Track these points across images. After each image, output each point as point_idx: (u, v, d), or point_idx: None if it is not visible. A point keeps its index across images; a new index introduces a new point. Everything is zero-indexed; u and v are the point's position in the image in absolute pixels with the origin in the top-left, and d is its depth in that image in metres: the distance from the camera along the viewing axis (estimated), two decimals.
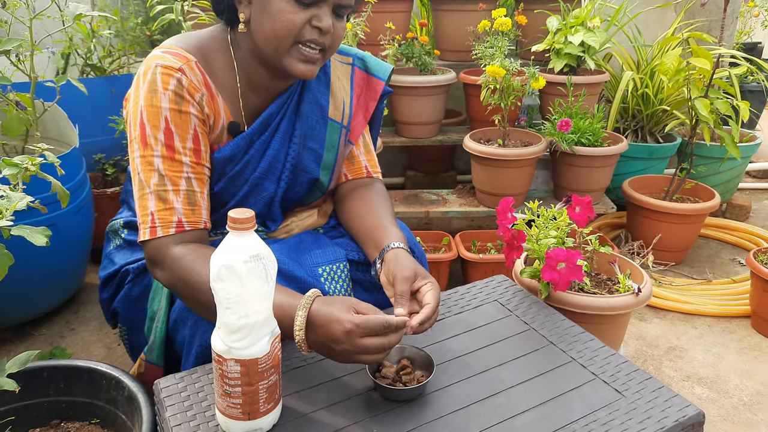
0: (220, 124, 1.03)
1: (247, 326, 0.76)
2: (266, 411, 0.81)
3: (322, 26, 0.94)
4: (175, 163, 0.96)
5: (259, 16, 0.95)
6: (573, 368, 0.97)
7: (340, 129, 1.15)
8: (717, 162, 2.45)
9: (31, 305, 1.76)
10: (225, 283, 0.74)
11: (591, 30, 2.17)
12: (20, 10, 1.97)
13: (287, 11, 0.93)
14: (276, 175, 1.09)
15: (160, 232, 0.95)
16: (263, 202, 1.09)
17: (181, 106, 0.96)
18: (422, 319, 0.89)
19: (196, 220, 0.98)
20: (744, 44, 4.91)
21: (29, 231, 0.89)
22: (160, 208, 0.95)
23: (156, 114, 0.95)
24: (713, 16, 2.74)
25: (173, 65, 0.96)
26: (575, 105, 2.16)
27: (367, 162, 1.21)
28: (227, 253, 0.74)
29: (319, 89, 1.12)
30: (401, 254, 0.99)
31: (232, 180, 1.05)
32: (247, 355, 0.76)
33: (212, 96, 1.01)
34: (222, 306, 0.76)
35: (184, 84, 0.96)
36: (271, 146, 1.07)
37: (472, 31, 2.18)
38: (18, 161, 0.97)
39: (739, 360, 1.72)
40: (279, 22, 0.93)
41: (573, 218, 1.24)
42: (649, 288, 1.31)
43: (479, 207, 2.16)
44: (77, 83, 1.77)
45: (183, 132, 0.96)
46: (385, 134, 2.43)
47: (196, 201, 0.98)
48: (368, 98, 1.19)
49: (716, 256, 2.35)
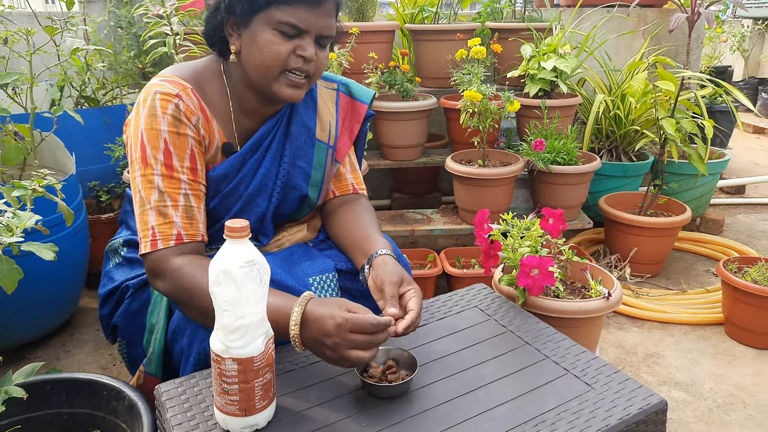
0: (215, 145, 1.11)
1: (243, 327, 0.83)
2: (261, 408, 0.87)
3: (306, 55, 1.04)
4: (174, 181, 1.04)
5: (249, 47, 1.05)
6: (547, 365, 1.04)
7: (326, 149, 1.24)
8: (688, 178, 2.57)
9: (27, 328, 1.80)
10: (222, 287, 0.81)
11: (562, 56, 2.30)
12: (18, 45, 2.06)
13: (274, 42, 1.03)
14: (268, 192, 1.17)
15: (161, 244, 1.02)
16: (256, 218, 1.17)
17: (179, 128, 1.04)
18: (407, 324, 0.96)
19: (194, 233, 1.05)
20: (715, 68, 5.14)
21: (38, 247, 0.95)
22: (160, 222, 1.02)
23: (156, 136, 1.03)
24: (679, 41, 2.91)
25: (171, 92, 1.04)
26: (550, 126, 2.27)
27: (353, 180, 1.30)
28: (224, 259, 0.81)
29: (307, 113, 1.22)
30: (389, 260, 1.07)
31: (227, 197, 1.13)
32: (244, 354, 0.83)
33: (207, 119, 1.09)
34: (220, 308, 0.83)
35: (182, 108, 1.04)
36: (263, 165, 1.16)
37: (450, 59, 2.30)
38: (26, 184, 1.04)
39: (714, 365, 1.80)
40: (266, 52, 1.03)
41: (546, 229, 1.32)
42: (619, 293, 1.39)
43: (462, 225, 2.25)
44: (74, 114, 1.85)
45: (181, 152, 1.04)
46: (371, 157, 2.52)
47: (193, 215, 1.05)
48: (353, 120, 1.29)
49: (691, 268, 2.45)
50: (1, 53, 2.15)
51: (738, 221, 2.97)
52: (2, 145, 1.78)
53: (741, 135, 4.67)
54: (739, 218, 3.01)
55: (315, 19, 1.03)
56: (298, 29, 1.03)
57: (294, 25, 1.02)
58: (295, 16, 1.02)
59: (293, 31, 1.03)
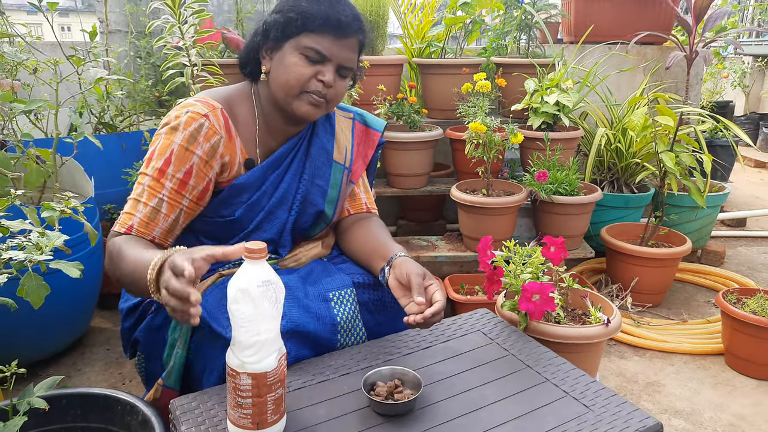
0: (237, 161, 1.22)
1: (258, 343, 0.87)
2: (273, 422, 0.91)
3: (325, 80, 1.15)
4: (158, 184, 1.14)
5: (277, 68, 1.18)
6: (547, 387, 1.08)
7: (342, 170, 1.35)
8: (688, 210, 2.62)
9: (41, 346, 1.85)
10: (240, 305, 0.86)
11: (565, 91, 2.38)
12: (44, 75, 2.16)
13: (298, 65, 1.15)
14: (288, 205, 1.27)
15: (117, 227, 1.14)
16: (276, 229, 1.27)
17: (190, 145, 1.15)
18: (435, 311, 1.05)
19: (145, 232, 1.14)
20: (717, 103, 5.23)
21: (65, 265, 1.01)
22: (127, 210, 1.14)
23: (168, 146, 1.14)
24: (679, 78, 2.99)
25: (200, 111, 1.16)
26: (552, 158, 2.34)
27: (366, 200, 1.42)
28: (243, 278, 0.86)
29: (326, 137, 1.34)
30: (409, 260, 1.17)
31: (251, 207, 1.23)
32: (258, 369, 0.87)
33: (230, 138, 1.20)
34: (237, 325, 0.88)
35: (205, 127, 1.15)
36: (284, 180, 1.27)
37: (456, 92, 2.38)
38: (54, 206, 1.10)
39: (714, 394, 1.82)
40: (291, 73, 1.15)
41: (548, 257, 1.37)
42: (618, 320, 1.43)
43: (466, 252, 2.30)
44: (93, 139, 1.93)
45: (179, 164, 1.14)
46: (378, 185, 2.59)
47: (156, 219, 1.14)
48: (367, 147, 1.41)
49: (692, 299, 2.48)
50: (26, 81, 2.25)
51: (739, 253, 3.00)
52: (24, 169, 1.85)
53: (743, 169, 4.73)
54: (740, 251, 3.05)
55: (338, 49, 1.15)
56: (322, 56, 1.15)
57: (318, 51, 1.14)
58: (321, 44, 1.14)
59: (317, 56, 1.15)
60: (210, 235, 1.25)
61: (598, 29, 2.89)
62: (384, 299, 1.27)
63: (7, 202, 1.11)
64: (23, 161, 1.87)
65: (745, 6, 6.18)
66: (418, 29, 3.13)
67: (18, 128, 2.06)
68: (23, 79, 2.28)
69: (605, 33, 2.92)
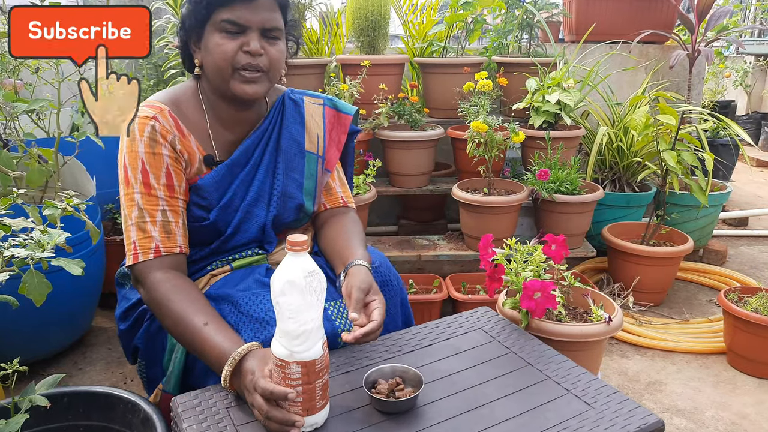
0: (197, 159, 1.20)
1: (306, 332, 0.89)
2: (321, 407, 0.94)
3: (250, 49, 1.12)
4: (152, 198, 1.13)
5: (205, 55, 1.16)
6: (548, 385, 1.08)
7: (316, 159, 1.32)
8: (690, 209, 2.62)
9: (42, 345, 1.85)
10: (287, 296, 0.88)
11: (566, 90, 2.38)
12: (44, 74, 2.16)
13: (220, 43, 1.12)
14: (265, 202, 1.26)
15: (141, 257, 1.11)
16: (257, 227, 1.25)
17: (155, 149, 1.14)
18: (366, 332, 1.03)
19: (171, 246, 1.14)
20: (719, 102, 5.22)
21: (67, 262, 1.01)
22: (140, 237, 1.12)
23: (135, 158, 1.13)
24: (680, 77, 2.99)
25: (148, 114, 1.15)
26: (554, 157, 2.34)
27: (342, 194, 1.39)
28: (289, 270, 0.88)
29: (295, 127, 1.30)
30: (362, 270, 1.14)
31: (224, 209, 1.21)
32: (307, 357, 0.89)
33: (183, 136, 1.18)
34: (284, 316, 0.89)
35: (157, 129, 1.14)
36: (257, 177, 1.24)
37: (458, 91, 2.38)
38: (57, 204, 1.10)
39: (716, 393, 1.81)
40: (217, 53, 1.13)
41: (549, 255, 1.37)
42: (620, 318, 1.43)
43: (468, 251, 2.30)
44: (96, 139, 1.93)
45: (157, 171, 1.14)
46: (379, 184, 2.59)
47: (171, 230, 1.14)
48: (339, 132, 1.37)
49: (694, 298, 2.48)
50: (29, 81, 2.25)
51: (741, 253, 3.00)
52: (26, 168, 1.85)
53: (745, 168, 4.72)
54: (741, 250, 3.04)
55: (252, 13, 1.12)
56: (239, 25, 1.12)
57: (233, 21, 1.11)
58: (233, 14, 1.11)
59: (235, 28, 1.12)
60: (191, 240, 1.21)
61: (600, 28, 2.89)
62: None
63: (9, 201, 1.11)
64: (25, 160, 1.87)
65: (747, 5, 6.17)
66: (420, 28, 3.13)
67: (20, 128, 2.06)
68: (25, 78, 2.28)
69: (607, 32, 2.91)
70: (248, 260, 1.27)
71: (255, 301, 1.13)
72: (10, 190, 1.34)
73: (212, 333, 1.03)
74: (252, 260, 1.27)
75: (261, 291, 1.15)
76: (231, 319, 1.12)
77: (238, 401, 1.01)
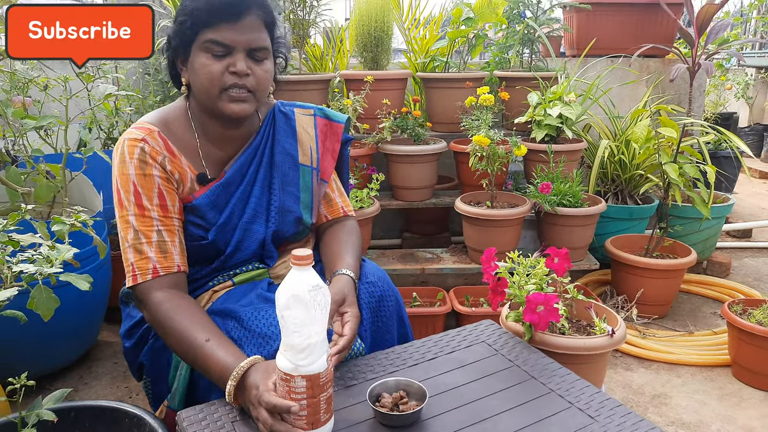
0: (188, 178, 1.20)
1: (311, 346, 0.90)
2: (325, 421, 0.94)
3: (237, 70, 1.12)
4: (146, 219, 1.14)
5: (192, 75, 1.17)
6: (552, 398, 1.09)
7: (311, 171, 1.33)
8: (693, 222, 2.62)
9: (49, 360, 1.86)
10: (292, 310, 0.89)
11: (567, 104, 2.40)
12: (52, 90, 2.20)
13: (206, 64, 1.12)
14: (263, 218, 1.26)
15: (140, 278, 1.12)
16: (257, 243, 1.26)
17: (145, 170, 1.15)
18: (338, 350, 1.05)
19: (168, 265, 1.14)
20: (720, 114, 5.24)
21: (75, 278, 1.02)
22: (137, 258, 1.13)
23: (126, 180, 1.14)
24: (681, 90, 3.01)
25: (137, 137, 1.16)
26: (556, 170, 2.35)
27: (342, 203, 1.40)
28: (294, 285, 0.89)
29: (287, 140, 1.31)
30: (342, 279, 1.16)
31: (223, 228, 1.22)
32: (311, 370, 0.90)
33: (174, 156, 1.19)
34: (289, 330, 0.90)
35: (147, 151, 1.15)
36: (253, 194, 1.25)
37: (460, 105, 2.41)
38: (65, 219, 1.12)
39: (721, 406, 1.81)
40: (203, 74, 1.13)
41: (552, 268, 1.38)
42: (623, 330, 1.43)
43: (471, 264, 2.31)
44: (102, 154, 1.96)
45: (149, 192, 1.15)
46: (383, 198, 2.61)
47: (167, 249, 1.15)
48: (333, 141, 1.37)
49: (698, 310, 2.48)
50: (37, 97, 2.28)
51: (745, 265, 2.99)
52: (34, 184, 1.88)
53: (747, 180, 4.72)
54: (745, 262, 3.04)
55: (238, 34, 1.12)
56: (225, 46, 1.12)
57: (218, 42, 1.11)
58: (219, 35, 1.11)
59: (221, 49, 1.12)
60: (191, 260, 1.22)
61: (600, 42, 2.92)
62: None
63: (18, 217, 1.13)
64: (33, 176, 1.90)
65: (748, 18, 6.21)
66: (422, 44, 3.17)
67: (29, 144, 2.09)
68: (34, 95, 2.32)
69: (607, 46, 2.94)
70: (250, 275, 1.28)
71: (258, 316, 1.14)
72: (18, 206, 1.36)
73: (214, 349, 1.04)
74: (254, 275, 1.28)
75: (264, 306, 1.16)
76: (234, 335, 1.12)
77: (243, 415, 1.01)
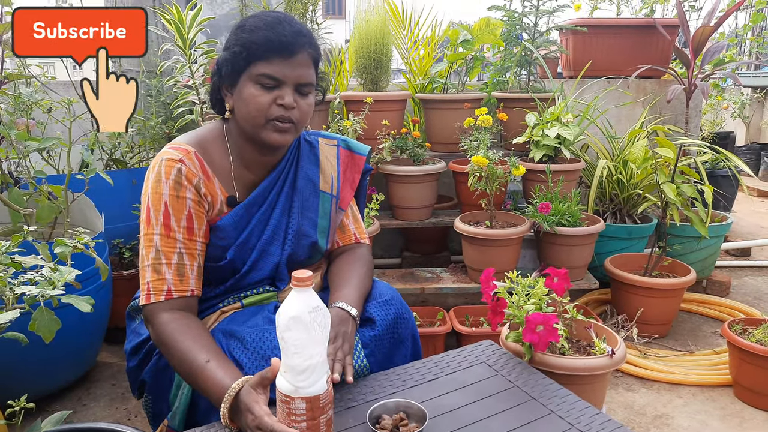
0: (219, 200, 1.23)
1: (311, 367, 0.90)
2: None
3: (285, 103, 1.16)
4: (171, 240, 1.15)
5: (238, 102, 1.19)
6: (552, 419, 1.08)
7: (330, 198, 1.36)
8: (691, 241, 2.63)
9: (48, 381, 1.85)
10: (293, 332, 0.89)
11: (565, 124, 2.43)
12: (57, 112, 2.22)
13: (256, 95, 1.16)
14: (280, 241, 1.28)
15: (153, 298, 1.14)
16: (271, 266, 1.28)
17: (179, 192, 1.16)
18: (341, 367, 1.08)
19: (183, 289, 1.16)
20: (717, 134, 5.27)
21: (77, 299, 1.03)
22: (154, 278, 1.15)
23: (158, 199, 1.15)
24: (678, 110, 3.04)
25: (175, 157, 1.18)
26: (554, 190, 2.37)
27: (355, 230, 1.42)
28: (294, 306, 0.90)
29: (310, 167, 1.34)
30: (334, 313, 1.16)
31: (241, 247, 1.24)
32: (311, 392, 0.91)
33: (208, 178, 1.21)
34: (290, 351, 0.90)
35: (184, 172, 1.17)
36: (273, 216, 1.27)
37: (459, 126, 2.43)
38: (67, 241, 1.13)
39: (722, 426, 1.80)
40: (251, 104, 1.16)
41: (551, 287, 1.39)
42: (623, 350, 1.43)
43: (471, 284, 2.31)
44: (105, 176, 1.98)
45: (179, 214, 1.16)
46: (383, 218, 2.62)
47: (184, 273, 1.16)
48: (354, 171, 1.41)
49: (698, 330, 2.47)
50: (40, 119, 2.31)
51: (745, 283, 2.99)
52: (36, 205, 1.89)
53: (746, 199, 4.74)
54: (745, 280, 3.04)
55: (290, 69, 1.16)
56: (276, 80, 1.15)
57: (271, 76, 1.15)
58: (271, 69, 1.15)
59: (272, 82, 1.15)
60: (205, 280, 1.24)
61: (597, 64, 2.96)
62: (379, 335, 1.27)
63: (20, 238, 1.14)
64: (35, 197, 1.91)
65: (743, 39, 6.29)
66: (421, 65, 3.22)
67: (31, 165, 2.11)
68: (38, 117, 2.34)
69: (604, 67, 2.98)
70: (259, 297, 1.29)
71: (261, 338, 1.14)
72: (20, 227, 1.37)
73: (214, 369, 1.04)
74: (263, 297, 1.29)
75: (268, 328, 1.17)
76: (237, 355, 1.13)
77: None
